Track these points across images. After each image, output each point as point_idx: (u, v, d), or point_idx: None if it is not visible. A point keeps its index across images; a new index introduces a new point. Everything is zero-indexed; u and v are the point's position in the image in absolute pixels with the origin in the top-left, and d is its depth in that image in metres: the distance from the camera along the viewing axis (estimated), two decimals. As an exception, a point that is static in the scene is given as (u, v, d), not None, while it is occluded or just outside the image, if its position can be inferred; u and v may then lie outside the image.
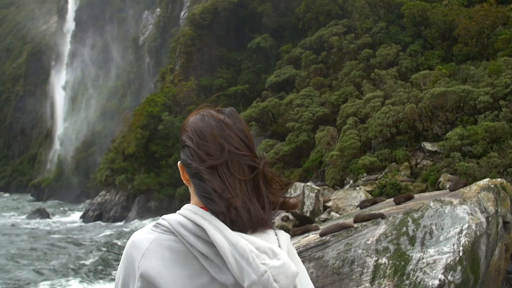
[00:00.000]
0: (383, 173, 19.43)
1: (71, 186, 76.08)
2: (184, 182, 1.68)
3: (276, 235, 1.60)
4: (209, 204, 1.53)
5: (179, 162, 1.67)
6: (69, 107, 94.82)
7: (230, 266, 1.39)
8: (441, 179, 16.08)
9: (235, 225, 1.49)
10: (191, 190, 1.63)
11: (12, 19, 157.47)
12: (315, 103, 31.07)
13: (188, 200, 1.67)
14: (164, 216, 1.56)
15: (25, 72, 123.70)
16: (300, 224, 17.16)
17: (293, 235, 12.97)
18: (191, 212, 1.52)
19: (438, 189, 15.35)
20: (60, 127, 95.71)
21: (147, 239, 1.51)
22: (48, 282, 21.13)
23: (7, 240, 32.66)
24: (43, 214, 50.10)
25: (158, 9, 79.89)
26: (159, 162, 42.92)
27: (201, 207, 1.54)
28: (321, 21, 40.70)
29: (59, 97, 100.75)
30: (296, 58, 39.17)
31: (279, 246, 1.55)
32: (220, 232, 1.44)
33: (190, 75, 48.39)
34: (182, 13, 67.06)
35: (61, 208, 63.05)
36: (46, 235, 36.12)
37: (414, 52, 29.65)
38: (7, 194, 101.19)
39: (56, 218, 49.50)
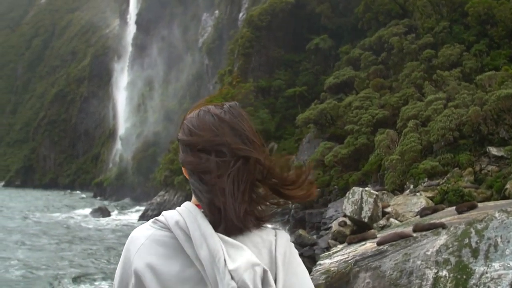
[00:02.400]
0: (445, 178, 18.83)
1: (131, 186, 77.81)
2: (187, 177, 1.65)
3: (275, 235, 1.58)
4: (199, 202, 1.53)
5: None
6: (130, 108, 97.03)
7: (209, 276, 1.39)
8: (507, 186, 15.40)
9: (218, 227, 1.47)
10: None
11: (77, 23, 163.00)
12: (375, 105, 30.44)
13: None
14: (163, 212, 1.56)
15: (89, 74, 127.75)
16: (357, 230, 16.82)
17: (349, 242, 12.67)
18: (187, 210, 1.52)
19: (504, 197, 14.71)
20: (121, 128, 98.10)
21: (144, 235, 1.53)
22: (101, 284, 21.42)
23: (67, 239, 33.50)
24: (104, 212, 51.52)
25: (216, 11, 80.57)
26: (217, 163, 43.10)
27: (197, 205, 1.55)
28: (381, 21, 39.88)
29: (121, 98, 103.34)
30: (355, 59, 38.55)
31: (275, 248, 1.53)
32: (203, 238, 1.42)
33: (248, 77, 48.44)
34: (240, 14, 67.31)
35: (122, 207, 64.61)
36: (105, 234, 36.97)
37: (479, 52, 28.64)
38: (77, 191, 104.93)
39: (116, 216, 50.64)
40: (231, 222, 1.46)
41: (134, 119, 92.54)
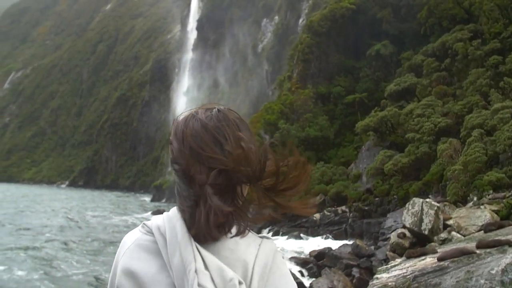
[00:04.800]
0: (512, 191, 18.00)
1: (189, 190, 78.67)
2: None
3: (260, 244, 1.51)
4: (180, 205, 1.53)
5: None
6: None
7: (177, 286, 1.39)
8: None
9: (192, 234, 1.45)
10: None
11: (140, 28, 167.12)
12: (437, 113, 29.60)
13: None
14: (153, 217, 1.58)
15: (150, 78, 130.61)
16: (417, 242, 16.33)
17: (408, 256, 12.24)
18: (170, 215, 1.52)
19: None
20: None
21: (131, 239, 1.56)
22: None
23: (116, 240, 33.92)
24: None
25: (276, 17, 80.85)
26: (274, 169, 42.86)
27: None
28: (444, 26, 38.90)
29: (181, 103, 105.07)
30: (417, 66, 37.71)
31: (255, 259, 1.46)
32: (178, 246, 1.42)
33: (307, 83, 48.17)
34: (300, 20, 67.28)
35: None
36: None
37: (550, 59, 27.48)
38: (137, 193, 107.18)
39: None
40: (202, 230, 1.44)
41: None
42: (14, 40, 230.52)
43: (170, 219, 1.50)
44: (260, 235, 1.56)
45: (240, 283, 1.38)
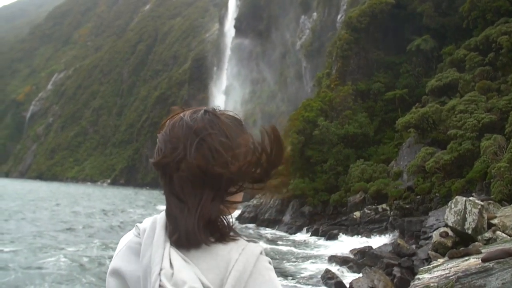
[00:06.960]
0: (561, 189, 17.38)
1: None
2: None
3: (243, 249, 1.42)
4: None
5: None
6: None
7: (142, 284, 1.38)
8: None
9: (171, 237, 1.43)
10: None
11: (178, 28, 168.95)
12: (481, 109, 28.84)
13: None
14: (145, 219, 1.57)
15: (189, 77, 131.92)
16: (460, 241, 15.94)
17: (451, 257, 11.92)
18: (160, 218, 1.49)
19: None
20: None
21: (124, 241, 1.55)
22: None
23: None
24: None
25: (314, 14, 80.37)
26: (314, 167, 42.64)
27: None
28: (488, 19, 37.87)
29: (220, 102, 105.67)
30: (459, 61, 36.86)
31: (234, 264, 1.37)
32: (150, 247, 1.41)
33: (346, 80, 47.65)
34: (339, 16, 66.67)
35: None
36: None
37: None
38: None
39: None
40: (183, 234, 1.41)
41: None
42: (57, 42, 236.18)
43: (153, 222, 1.48)
44: (248, 239, 1.47)
45: None
